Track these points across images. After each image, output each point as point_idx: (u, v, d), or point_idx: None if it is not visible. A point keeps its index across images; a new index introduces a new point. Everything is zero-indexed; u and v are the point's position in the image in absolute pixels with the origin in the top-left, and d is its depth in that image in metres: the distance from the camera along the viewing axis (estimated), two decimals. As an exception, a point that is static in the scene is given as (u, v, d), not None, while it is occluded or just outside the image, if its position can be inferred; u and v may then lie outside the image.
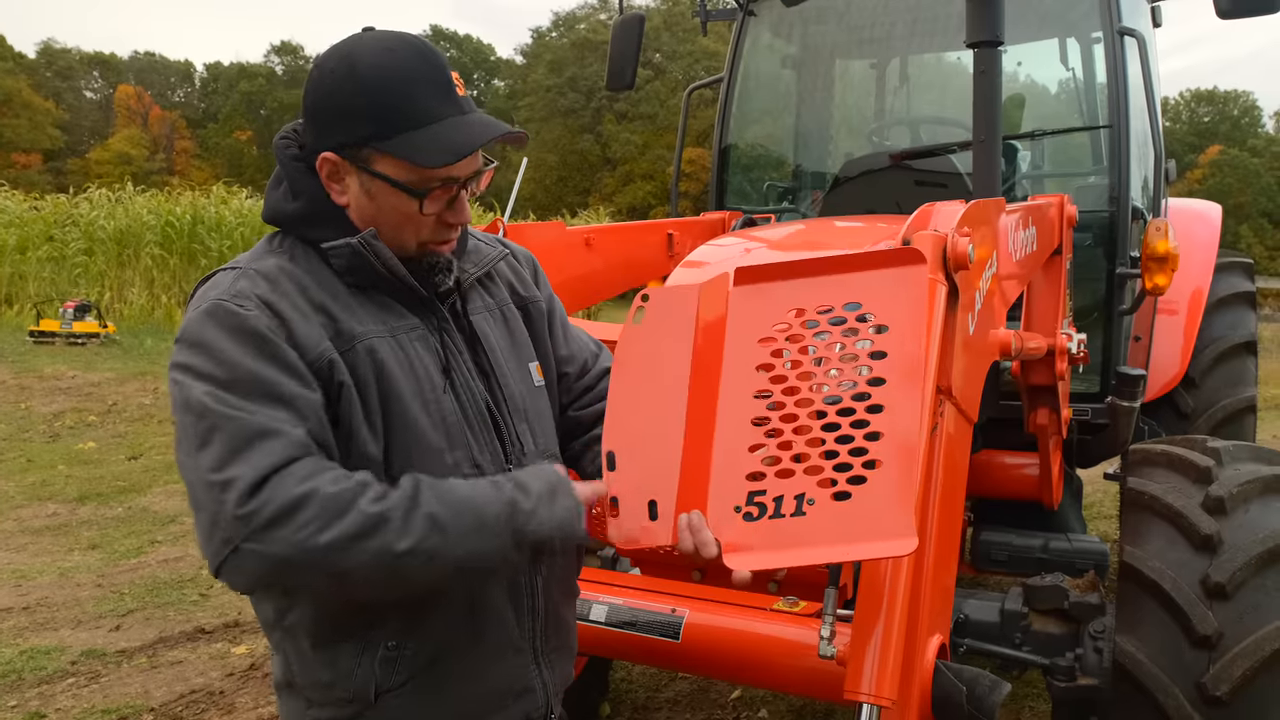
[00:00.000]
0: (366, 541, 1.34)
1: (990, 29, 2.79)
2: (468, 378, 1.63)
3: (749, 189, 4.71)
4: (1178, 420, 4.29)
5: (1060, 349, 3.04)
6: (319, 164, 1.53)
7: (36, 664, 4.49)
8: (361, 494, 1.36)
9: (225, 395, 1.37)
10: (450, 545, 1.39)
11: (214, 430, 1.35)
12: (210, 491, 1.33)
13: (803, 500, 1.42)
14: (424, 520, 1.38)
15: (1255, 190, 48.12)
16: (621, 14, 4.63)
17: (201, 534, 1.36)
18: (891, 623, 1.51)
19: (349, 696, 1.55)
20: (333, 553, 1.32)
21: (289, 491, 1.32)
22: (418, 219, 1.54)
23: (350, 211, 1.56)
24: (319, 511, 1.32)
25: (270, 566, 1.32)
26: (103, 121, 60.47)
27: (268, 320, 1.43)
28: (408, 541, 1.36)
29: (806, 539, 1.41)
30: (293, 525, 1.31)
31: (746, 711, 4.03)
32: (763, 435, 1.48)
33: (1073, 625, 2.67)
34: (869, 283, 1.49)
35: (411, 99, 1.48)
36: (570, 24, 56.79)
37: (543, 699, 1.72)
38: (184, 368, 1.42)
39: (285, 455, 1.35)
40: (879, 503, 1.38)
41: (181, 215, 20.20)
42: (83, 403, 11.26)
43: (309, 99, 1.54)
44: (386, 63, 1.49)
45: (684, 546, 1.48)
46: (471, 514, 1.42)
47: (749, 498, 1.45)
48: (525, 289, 1.83)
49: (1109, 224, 3.79)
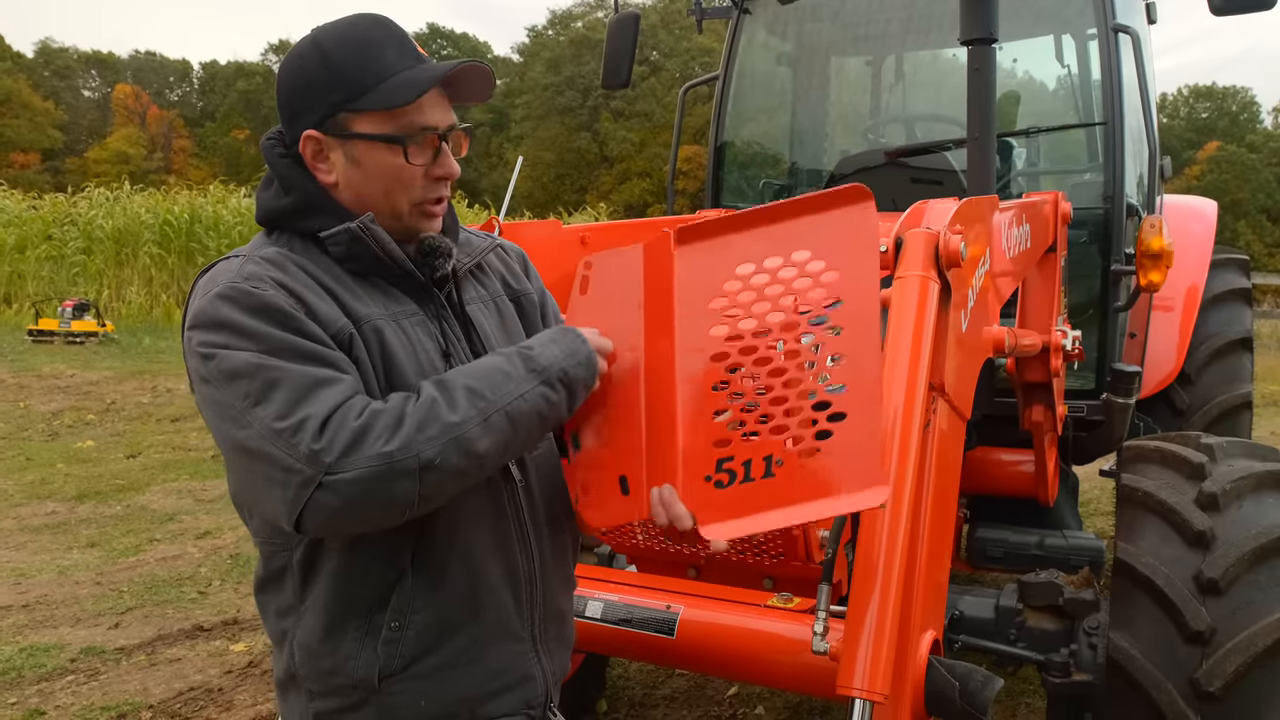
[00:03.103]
0: (429, 428, 1.40)
1: (984, 26, 2.80)
2: (466, 363, 1.64)
3: (745, 186, 4.72)
4: (1173, 417, 4.30)
5: (1055, 346, 3.05)
6: (302, 146, 1.57)
7: (36, 661, 4.50)
8: (406, 401, 1.43)
9: (270, 359, 1.41)
10: (493, 401, 1.46)
11: (272, 385, 1.39)
12: (279, 440, 1.36)
13: (771, 461, 1.40)
14: (463, 393, 1.45)
15: (1253, 186, 48.08)
16: (617, 12, 4.63)
17: (271, 490, 1.38)
18: (884, 619, 1.52)
19: (351, 683, 1.56)
20: (407, 450, 1.37)
21: (352, 421, 1.37)
22: (406, 174, 1.58)
23: (339, 190, 1.59)
24: (384, 425, 1.38)
25: (359, 490, 1.36)
26: (101, 121, 60.35)
27: (286, 297, 1.47)
28: (459, 413, 1.42)
29: (779, 500, 1.39)
30: (366, 443, 1.36)
31: (743, 708, 4.04)
32: (725, 400, 1.45)
33: (1067, 621, 2.68)
34: (814, 227, 1.44)
35: (377, 58, 1.55)
36: (566, 22, 56.71)
37: (542, 687, 1.73)
38: (213, 345, 1.44)
39: (345, 395, 1.41)
40: (847, 455, 1.36)
41: (179, 214, 20.23)
42: (81, 401, 11.27)
43: (282, 91, 1.60)
44: (348, 34, 1.57)
45: (659, 522, 1.48)
46: (496, 371, 1.50)
47: (718, 465, 1.43)
48: (517, 282, 1.86)
49: (1104, 221, 3.79)
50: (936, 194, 2.61)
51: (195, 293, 1.52)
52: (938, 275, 1.77)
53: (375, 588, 1.55)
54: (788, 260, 1.44)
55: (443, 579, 1.58)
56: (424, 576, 1.57)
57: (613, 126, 50.11)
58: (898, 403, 1.64)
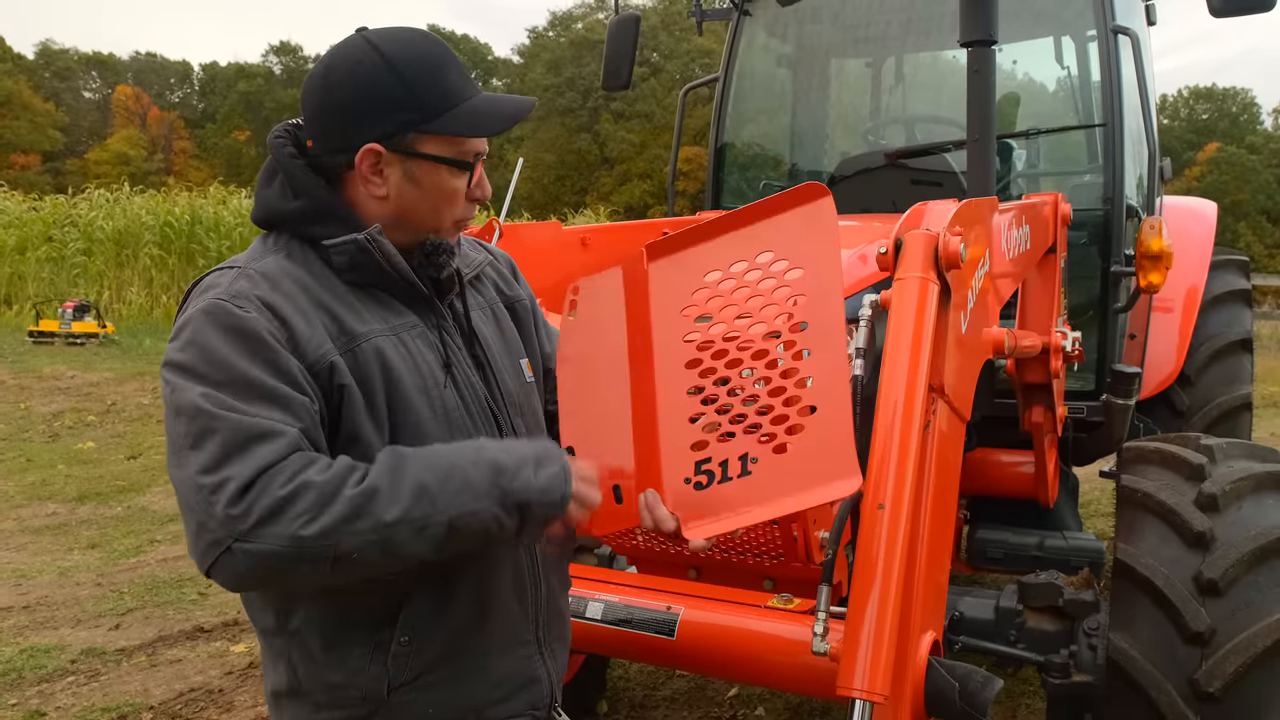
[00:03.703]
0: (359, 521, 1.33)
1: (984, 28, 2.80)
2: (467, 372, 1.64)
3: (745, 188, 4.72)
4: (1173, 418, 4.30)
5: (1055, 347, 3.06)
6: (359, 159, 1.52)
7: (36, 662, 4.50)
8: (349, 476, 1.36)
9: (219, 396, 1.36)
10: (439, 509, 1.38)
11: (207, 433, 1.35)
12: (199, 494, 1.32)
13: (746, 460, 1.45)
14: (411, 488, 1.37)
15: (1254, 187, 48.06)
16: (618, 14, 4.63)
17: (189, 535, 1.36)
18: (884, 619, 1.51)
19: (361, 695, 1.56)
20: (325, 539, 1.32)
21: (279, 488, 1.31)
22: (458, 195, 1.59)
23: (386, 205, 1.56)
24: (310, 503, 1.32)
25: (264, 563, 1.31)
26: (101, 122, 60.38)
27: (267, 322, 1.43)
28: (396, 511, 1.35)
29: (756, 497, 1.44)
30: (284, 520, 1.31)
31: (743, 709, 4.04)
32: (699, 404, 1.51)
33: (1067, 622, 2.68)
34: (776, 228, 1.49)
35: (446, 81, 1.54)
36: (567, 23, 56.74)
37: (547, 688, 1.74)
38: (177, 367, 1.41)
39: (278, 454, 1.34)
40: (818, 448, 1.41)
41: (180, 215, 20.22)
42: (82, 402, 11.27)
43: (335, 97, 1.53)
44: (415, 51, 1.54)
45: (645, 525, 1.52)
46: (458, 477, 1.41)
47: (696, 467, 1.49)
48: (509, 288, 1.87)
49: (1103, 222, 3.80)
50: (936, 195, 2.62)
51: (188, 301, 1.51)
52: (937, 277, 1.77)
53: (379, 605, 1.54)
54: (753, 264, 1.50)
55: (452, 594, 1.57)
56: (433, 593, 1.56)
57: (613, 128, 50.12)
58: (897, 404, 1.64)
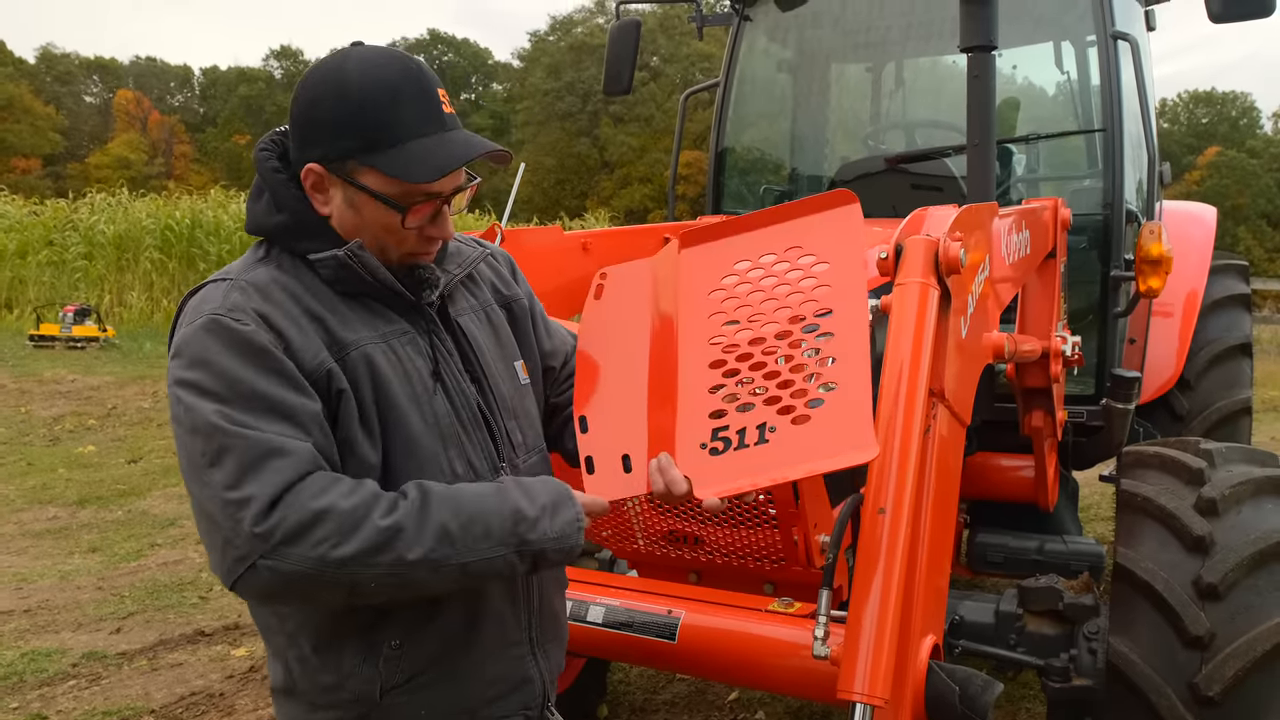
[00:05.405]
0: (381, 555, 1.38)
1: (984, 34, 2.81)
2: (458, 379, 1.65)
3: (746, 192, 4.73)
4: (1173, 422, 4.30)
5: (1055, 351, 3.06)
6: (303, 175, 1.55)
7: (38, 666, 4.50)
8: (375, 506, 1.40)
9: (233, 413, 1.38)
10: (458, 554, 1.44)
11: (225, 450, 1.37)
12: (226, 510, 1.35)
13: (765, 429, 1.49)
14: (435, 531, 1.42)
15: (1254, 192, 48.04)
16: (618, 19, 4.64)
17: (214, 550, 1.39)
18: (884, 623, 1.52)
19: (354, 697, 1.57)
20: (348, 566, 1.36)
21: (304, 508, 1.35)
22: (400, 232, 1.56)
23: (333, 222, 1.57)
24: (335, 528, 1.35)
25: (287, 582, 1.36)
26: (102, 126, 60.42)
27: (265, 333, 1.45)
28: (418, 551, 1.40)
29: (771, 462, 1.47)
30: (309, 541, 1.34)
31: (744, 713, 4.04)
32: (721, 376, 1.56)
33: (1067, 626, 2.69)
34: (806, 227, 1.58)
35: (398, 115, 1.50)
36: (567, 28, 56.78)
37: (539, 688, 1.76)
38: (187, 385, 1.42)
39: (297, 471, 1.37)
40: (838, 419, 1.44)
41: (180, 219, 20.22)
42: (82, 406, 11.27)
43: (295, 110, 1.56)
44: (374, 78, 1.50)
45: (656, 488, 1.54)
46: (480, 524, 1.46)
47: (713, 434, 1.52)
48: (507, 288, 1.87)
49: (1103, 227, 3.80)
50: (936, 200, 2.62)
51: (182, 318, 1.51)
52: (937, 282, 1.78)
53: (371, 608, 1.54)
54: (781, 256, 1.58)
55: (444, 596, 1.58)
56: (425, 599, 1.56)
57: (613, 132, 50.16)
58: (898, 409, 1.65)
